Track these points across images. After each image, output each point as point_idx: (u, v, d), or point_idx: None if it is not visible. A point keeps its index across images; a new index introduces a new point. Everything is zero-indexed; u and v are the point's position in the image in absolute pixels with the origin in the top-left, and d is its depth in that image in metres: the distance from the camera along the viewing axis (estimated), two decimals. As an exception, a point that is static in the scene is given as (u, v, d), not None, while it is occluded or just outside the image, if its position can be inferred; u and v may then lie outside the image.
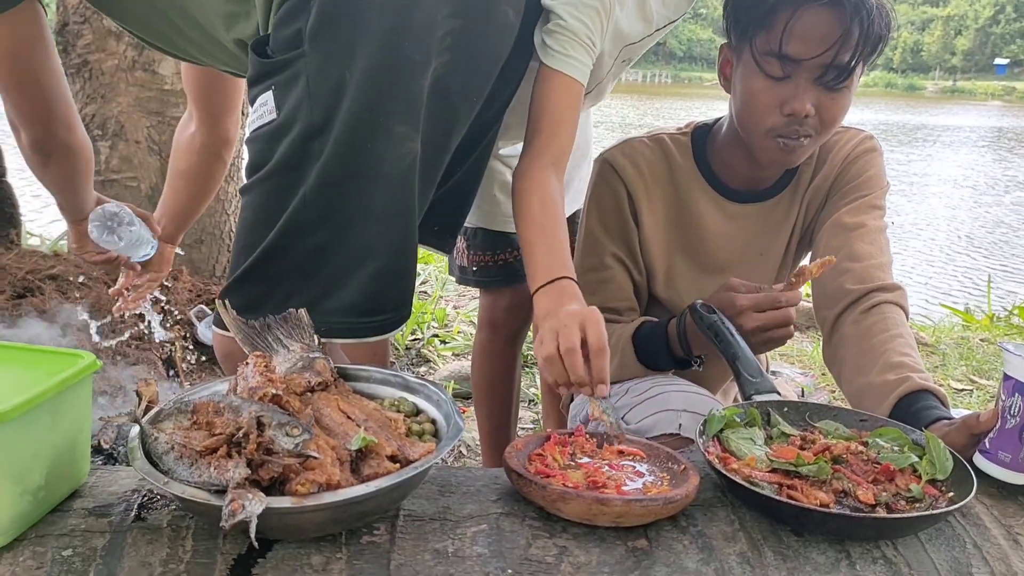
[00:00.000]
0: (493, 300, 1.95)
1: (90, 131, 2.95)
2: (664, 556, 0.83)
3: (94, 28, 2.87)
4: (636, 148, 1.44)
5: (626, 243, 1.43)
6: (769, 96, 1.25)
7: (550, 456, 0.95)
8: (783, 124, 1.25)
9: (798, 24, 1.19)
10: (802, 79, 1.22)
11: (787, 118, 1.24)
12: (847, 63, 1.20)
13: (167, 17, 1.28)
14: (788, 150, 1.28)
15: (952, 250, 7.50)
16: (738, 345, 1.19)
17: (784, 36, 1.20)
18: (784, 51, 1.21)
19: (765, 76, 1.24)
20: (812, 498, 0.89)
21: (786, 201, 1.45)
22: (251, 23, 1.21)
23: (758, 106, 1.26)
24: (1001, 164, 14.72)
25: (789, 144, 1.27)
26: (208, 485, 0.76)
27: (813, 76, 1.22)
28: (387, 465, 0.83)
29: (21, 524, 0.81)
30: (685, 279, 1.46)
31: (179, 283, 2.86)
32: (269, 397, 0.84)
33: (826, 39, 1.19)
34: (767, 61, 1.23)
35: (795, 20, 1.19)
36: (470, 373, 2.10)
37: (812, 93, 1.23)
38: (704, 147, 1.44)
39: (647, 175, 1.42)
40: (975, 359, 3.51)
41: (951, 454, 0.96)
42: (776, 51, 1.21)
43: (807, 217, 1.45)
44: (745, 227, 1.44)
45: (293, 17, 1.13)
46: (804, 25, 1.19)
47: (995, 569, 0.85)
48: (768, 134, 1.27)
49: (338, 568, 0.78)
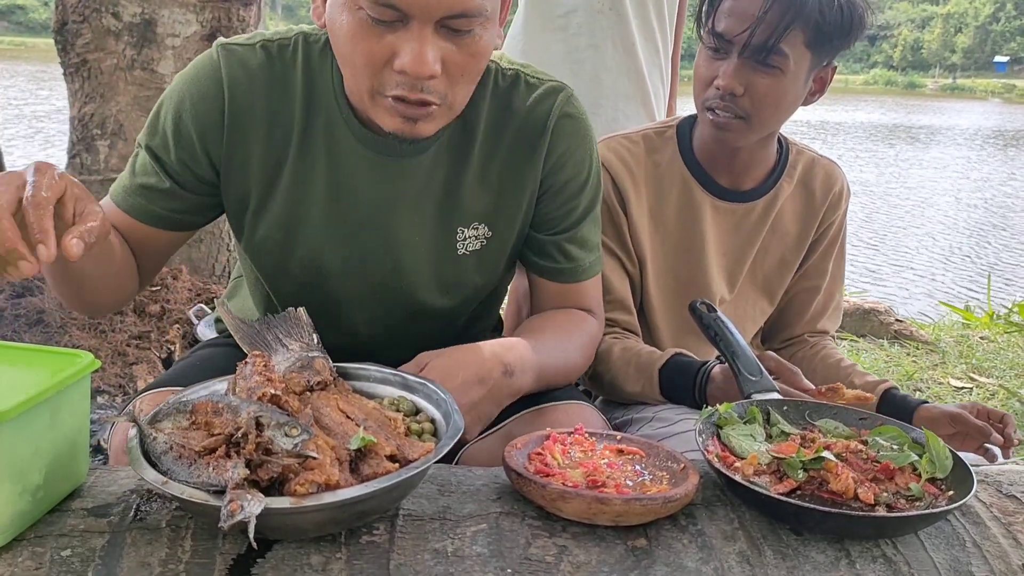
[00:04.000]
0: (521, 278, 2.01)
1: (89, 130, 2.95)
2: (664, 555, 0.83)
3: (93, 27, 2.87)
4: (620, 143, 1.46)
5: (616, 233, 1.44)
6: (707, 71, 1.35)
7: (549, 455, 0.95)
8: (713, 95, 1.34)
9: (728, 3, 1.31)
10: (733, 57, 1.31)
11: (717, 91, 1.33)
12: (766, 42, 1.27)
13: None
14: (719, 125, 1.35)
15: (952, 248, 7.50)
16: (737, 344, 1.19)
17: (717, 14, 1.32)
18: (716, 28, 1.32)
19: (707, 53, 1.35)
20: (846, 477, 0.90)
21: (760, 210, 1.48)
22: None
23: (697, 80, 1.38)
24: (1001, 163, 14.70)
25: (719, 118, 1.34)
26: (207, 485, 0.76)
27: (740, 54, 1.30)
28: (386, 465, 0.82)
29: (20, 523, 0.80)
30: (663, 272, 1.47)
31: (178, 282, 2.86)
32: (268, 397, 0.84)
33: (745, 17, 1.28)
34: (707, 37, 1.34)
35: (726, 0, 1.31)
36: None
37: (743, 72, 1.31)
38: (689, 140, 1.46)
39: (632, 167, 1.44)
40: (975, 357, 3.50)
41: (951, 452, 0.96)
42: (711, 28, 1.31)
43: (776, 236, 1.50)
44: (719, 223, 1.46)
45: None
46: (733, 4, 1.30)
47: (995, 567, 0.85)
48: (703, 106, 1.37)
49: (337, 568, 0.78)
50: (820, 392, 1.18)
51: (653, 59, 2.09)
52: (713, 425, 1.03)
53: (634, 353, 1.37)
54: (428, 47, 0.96)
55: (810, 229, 1.51)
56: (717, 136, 1.37)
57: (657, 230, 1.46)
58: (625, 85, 2.03)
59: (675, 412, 1.37)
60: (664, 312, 1.49)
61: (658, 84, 2.11)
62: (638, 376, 1.34)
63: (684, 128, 1.47)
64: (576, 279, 1.26)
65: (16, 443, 0.78)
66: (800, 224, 1.50)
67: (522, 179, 1.20)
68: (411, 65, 0.96)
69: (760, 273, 1.53)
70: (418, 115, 1.01)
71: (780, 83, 1.31)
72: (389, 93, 1.00)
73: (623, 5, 2.01)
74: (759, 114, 1.33)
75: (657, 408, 1.39)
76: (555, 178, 1.21)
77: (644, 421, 1.40)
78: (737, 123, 1.33)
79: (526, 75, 1.21)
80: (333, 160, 1.14)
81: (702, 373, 1.28)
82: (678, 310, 1.47)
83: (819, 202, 1.50)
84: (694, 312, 1.28)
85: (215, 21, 2.94)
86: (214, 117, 1.11)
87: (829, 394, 1.17)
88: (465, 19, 0.97)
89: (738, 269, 1.50)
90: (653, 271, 1.46)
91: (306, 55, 1.14)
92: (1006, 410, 2.77)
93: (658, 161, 1.46)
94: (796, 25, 1.26)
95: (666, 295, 1.48)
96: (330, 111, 1.13)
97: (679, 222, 1.46)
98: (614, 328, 1.44)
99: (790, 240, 1.51)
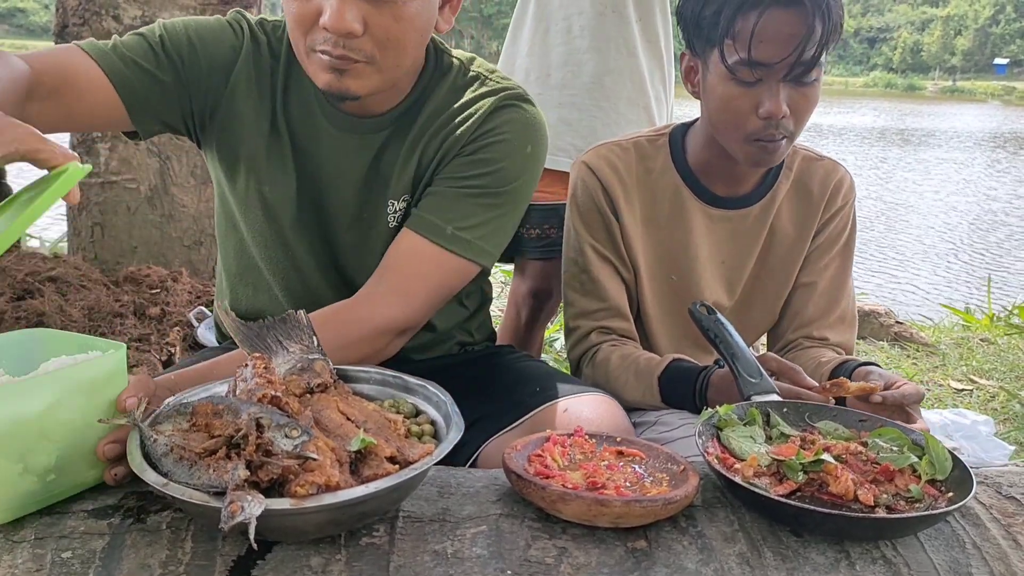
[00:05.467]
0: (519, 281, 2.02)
1: (89, 133, 2.95)
2: (664, 557, 0.83)
3: (93, 30, 2.87)
4: (611, 150, 1.45)
5: (610, 240, 1.44)
6: (744, 102, 1.27)
7: (549, 457, 0.95)
8: (761, 127, 1.27)
9: (764, 28, 1.21)
10: (773, 80, 1.24)
11: (764, 121, 1.26)
12: (813, 57, 1.23)
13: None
14: (769, 151, 1.30)
15: (952, 249, 7.51)
16: (737, 345, 1.19)
17: (752, 42, 1.22)
18: (754, 57, 1.23)
19: (738, 83, 1.26)
20: (846, 479, 0.90)
21: (757, 214, 1.46)
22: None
23: (735, 113, 1.28)
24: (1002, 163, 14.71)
25: (768, 147, 1.29)
26: (207, 487, 0.76)
27: (782, 75, 1.24)
28: (386, 466, 0.83)
29: (24, 504, 0.81)
30: (658, 279, 1.47)
31: (178, 285, 2.86)
32: (268, 399, 0.84)
33: (792, 39, 1.21)
34: (739, 68, 1.25)
35: (761, 25, 1.21)
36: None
37: (784, 92, 1.25)
38: (681, 149, 1.45)
39: (624, 175, 1.43)
40: (975, 359, 3.50)
41: (951, 454, 0.96)
42: (746, 58, 1.23)
43: (776, 239, 1.48)
44: (714, 231, 1.45)
45: None
46: (770, 29, 1.21)
47: (994, 569, 0.85)
48: (747, 139, 1.29)
49: (337, 569, 0.78)
50: (824, 388, 1.17)
51: (656, 63, 2.09)
52: (713, 427, 1.03)
53: (632, 360, 1.37)
54: (348, 5, 1.04)
55: (810, 228, 1.48)
56: (761, 161, 1.33)
57: (650, 237, 1.45)
58: (627, 88, 2.03)
59: (677, 416, 1.36)
60: (661, 318, 1.48)
61: (660, 88, 2.11)
62: (637, 383, 1.34)
63: (676, 136, 1.46)
64: (413, 227, 1.21)
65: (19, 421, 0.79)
66: (798, 224, 1.48)
67: (441, 151, 1.23)
68: (331, 22, 1.04)
69: (766, 279, 1.50)
70: (342, 67, 1.09)
71: (817, 93, 1.28)
72: (318, 48, 1.08)
73: (626, 7, 2.01)
74: (801, 126, 1.30)
75: (659, 412, 1.39)
76: (463, 147, 1.22)
77: (647, 425, 1.40)
78: (783, 143, 1.30)
79: (487, 77, 1.26)
80: (302, 128, 1.24)
81: (702, 378, 1.28)
82: (674, 316, 1.47)
83: (817, 200, 1.47)
84: (693, 315, 1.28)
85: (215, 23, 2.94)
86: (231, 56, 1.22)
87: (834, 389, 1.17)
88: None
89: (738, 276, 1.49)
90: (648, 277, 1.46)
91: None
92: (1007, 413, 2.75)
93: (650, 168, 1.45)
94: (834, 34, 1.23)
95: (662, 301, 1.48)
96: (305, 85, 1.22)
97: (671, 230, 1.45)
98: (611, 335, 1.44)
99: (790, 241, 1.48)
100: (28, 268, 2.74)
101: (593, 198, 1.43)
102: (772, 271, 1.50)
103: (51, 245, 4.07)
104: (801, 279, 1.51)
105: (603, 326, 1.43)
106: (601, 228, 1.43)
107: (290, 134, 1.24)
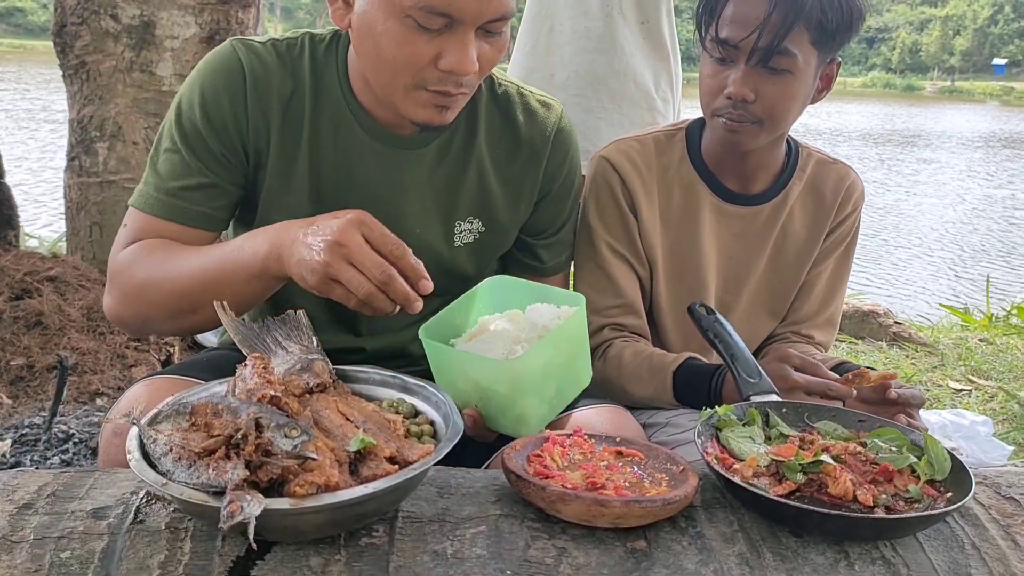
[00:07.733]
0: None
1: (88, 132, 2.95)
2: (663, 557, 0.83)
3: (92, 29, 2.87)
4: (630, 145, 1.46)
5: (627, 236, 1.44)
6: (715, 80, 1.34)
7: (549, 457, 0.95)
8: (726, 106, 1.33)
9: (730, 9, 1.30)
10: (741, 64, 1.30)
11: (728, 100, 1.32)
12: (771, 44, 1.26)
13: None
14: (732, 131, 1.34)
15: (951, 250, 7.51)
16: (736, 346, 1.19)
17: (719, 22, 1.31)
18: (720, 35, 1.31)
19: (712, 61, 1.34)
20: (844, 480, 0.90)
21: (768, 213, 1.47)
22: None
23: (705, 89, 1.36)
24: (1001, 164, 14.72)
25: (731, 125, 1.33)
26: (207, 487, 0.76)
27: (746, 58, 1.29)
28: (386, 466, 0.83)
29: (543, 422, 1.07)
30: (672, 275, 1.47)
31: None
32: (268, 399, 0.84)
33: (753, 22, 1.27)
34: (711, 46, 1.33)
35: (728, 6, 1.30)
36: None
37: (751, 78, 1.30)
38: (698, 143, 1.46)
39: (643, 170, 1.44)
40: (974, 359, 3.50)
41: (950, 455, 0.96)
42: (715, 36, 1.31)
43: (788, 241, 1.48)
44: (724, 227, 1.46)
45: None
46: (735, 10, 1.30)
47: (993, 569, 0.85)
48: (714, 115, 1.35)
49: (337, 570, 0.78)
50: (847, 380, 1.19)
51: (662, 64, 2.09)
52: (712, 427, 1.03)
53: (645, 357, 1.37)
54: (471, 48, 1.07)
55: (821, 231, 1.48)
56: (729, 139, 1.36)
57: (667, 232, 1.45)
58: (631, 89, 2.03)
59: (688, 418, 1.36)
60: (673, 314, 1.48)
61: (666, 89, 2.11)
62: (650, 380, 1.34)
63: (693, 130, 1.47)
64: (542, 276, 1.38)
65: (543, 368, 1.04)
66: (810, 226, 1.48)
67: (521, 183, 1.31)
68: (459, 65, 1.07)
69: (774, 280, 1.50)
70: (449, 104, 1.13)
71: (790, 85, 1.30)
72: (432, 88, 1.10)
73: (632, 10, 2.01)
74: (771, 118, 1.32)
75: (671, 413, 1.39)
76: (551, 185, 1.34)
77: (657, 427, 1.40)
78: (750, 126, 1.32)
79: (519, 87, 1.33)
80: (341, 150, 1.23)
81: (717, 376, 1.28)
82: (685, 312, 1.47)
83: (829, 204, 1.47)
84: (693, 314, 1.28)
85: (214, 23, 2.94)
86: (240, 101, 1.18)
87: (857, 380, 1.19)
88: (501, 22, 1.09)
89: (744, 273, 1.48)
90: (663, 273, 1.46)
91: (312, 52, 1.23)
92: (1005, 413, 2.76)
93: (667, 163, 1.45)
94: (799, 24, 1.26)
95: (674, 297, 1.47)
96: (336, 104, 1.22)
97: (681, 224, 1.45)
98: (623, 332, 1.44)
99: (800, 243, 1.48)
100: (26, 267, 2.74)
101: (612, 193, 1.43)
102: (781, 272, 1.50)
103: (50, 245, 4.06)
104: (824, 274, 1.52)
105: (616, 323, 1.43)
106: (618, 224, 1.43)
107: (319, 149, 1.22)
